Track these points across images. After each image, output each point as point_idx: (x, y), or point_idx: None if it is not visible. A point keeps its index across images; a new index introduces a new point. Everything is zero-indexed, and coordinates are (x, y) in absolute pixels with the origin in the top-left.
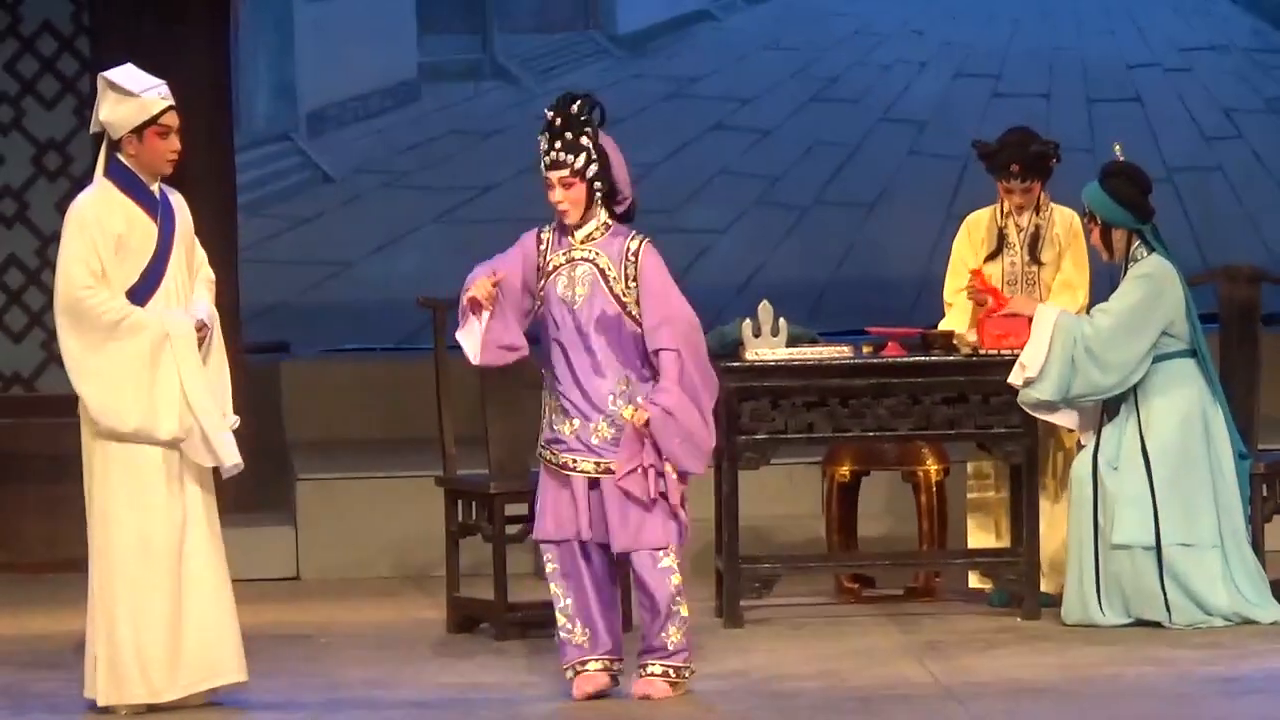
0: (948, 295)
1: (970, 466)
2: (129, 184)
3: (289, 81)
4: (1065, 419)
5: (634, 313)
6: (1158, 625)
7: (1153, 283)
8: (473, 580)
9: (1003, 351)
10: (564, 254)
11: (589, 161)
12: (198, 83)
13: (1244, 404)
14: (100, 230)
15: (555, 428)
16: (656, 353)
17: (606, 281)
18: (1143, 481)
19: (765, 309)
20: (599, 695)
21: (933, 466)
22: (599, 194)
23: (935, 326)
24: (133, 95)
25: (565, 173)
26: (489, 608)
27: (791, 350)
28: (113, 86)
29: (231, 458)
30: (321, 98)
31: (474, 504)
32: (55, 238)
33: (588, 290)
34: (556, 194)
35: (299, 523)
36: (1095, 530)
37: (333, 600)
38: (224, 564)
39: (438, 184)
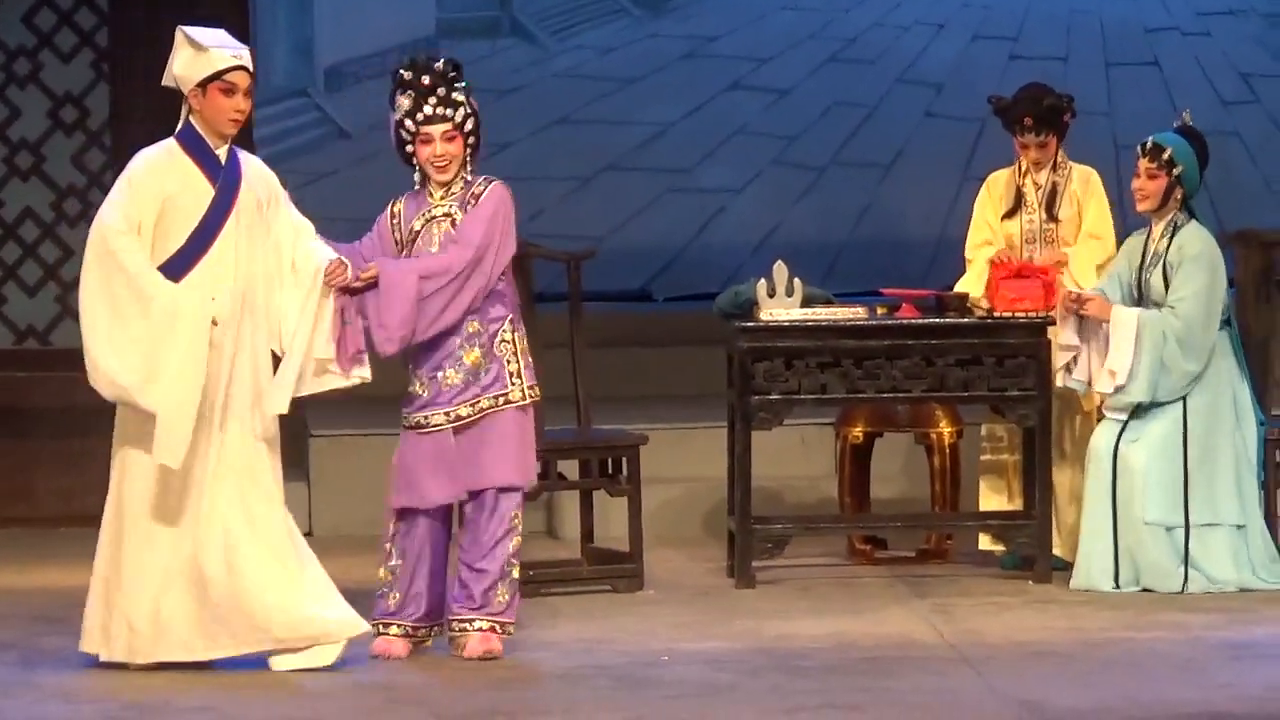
0: (968, 251)
1: (984, 429)
2: (193, 145)
3: (307, 37)
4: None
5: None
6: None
7: (1213, 260)
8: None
9: (1016, 314)
10: (423, 216)
11: (468, 116)
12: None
13: (1258, 369)
14: (149, 190)
15: (409, 390)
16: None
17: (455, 228)
18: (1178, 462)
19: (780, 269)
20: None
21: (946, 429)
22: (469, 150)
23: (951, 288)
24: (202, 49)
25: (448, 126)
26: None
27: (806, 311)
28: (188, 41)
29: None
30: (339, 54)
31: None
32: (71, 191)
33: (440, 243)
34: (437, 148)
35: (312, 479)
36: (1113, 504)
37: (345, 556)
38: (262, 524)
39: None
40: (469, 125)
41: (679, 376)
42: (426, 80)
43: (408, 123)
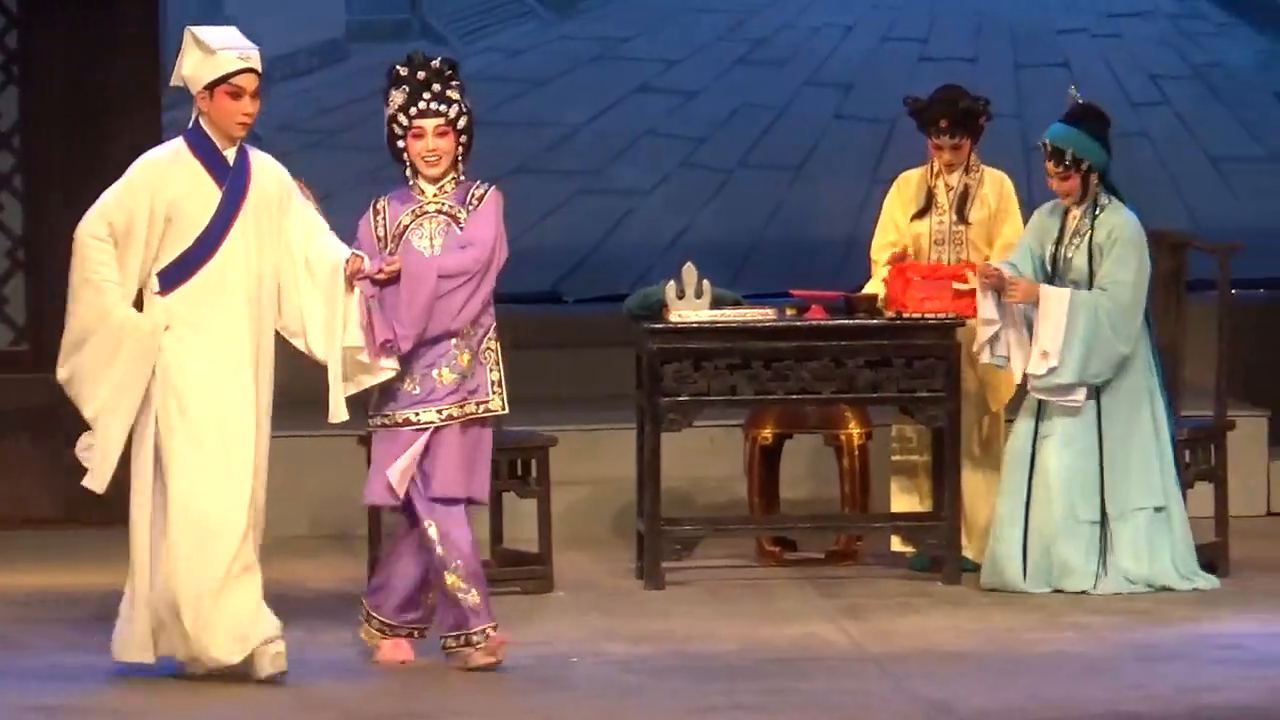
0: (874, 252)
1: (894, 430)
2: (200, 146)
3: None
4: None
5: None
6: (1080, 593)
7: (1143, 245)
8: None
9: (926, 316)
10: (411, 211)
11: (460, 114)
12: (125, 35)
13: (1171, 371)
14: (148, 195)
15: (392, 386)
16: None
17: (459, 227)
18: (1094, 456)
19: (689, 271)
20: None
21: (855, 430)
22: (462, 149)
23: (860, 290)
24: (210, 51)
25: (440, 122)
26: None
27: (715, 312)
28: (195, 41)
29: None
30: None
31: None
32: None
33: (443, 239)
34: (429, 142)
35: None
36: (1028, 502)
37: (282, 556)
38: (259, 528)
39: (364, 144)
40: (462, 123)
41: (588, 378)
42: (421, 76)
43: (400, 117)
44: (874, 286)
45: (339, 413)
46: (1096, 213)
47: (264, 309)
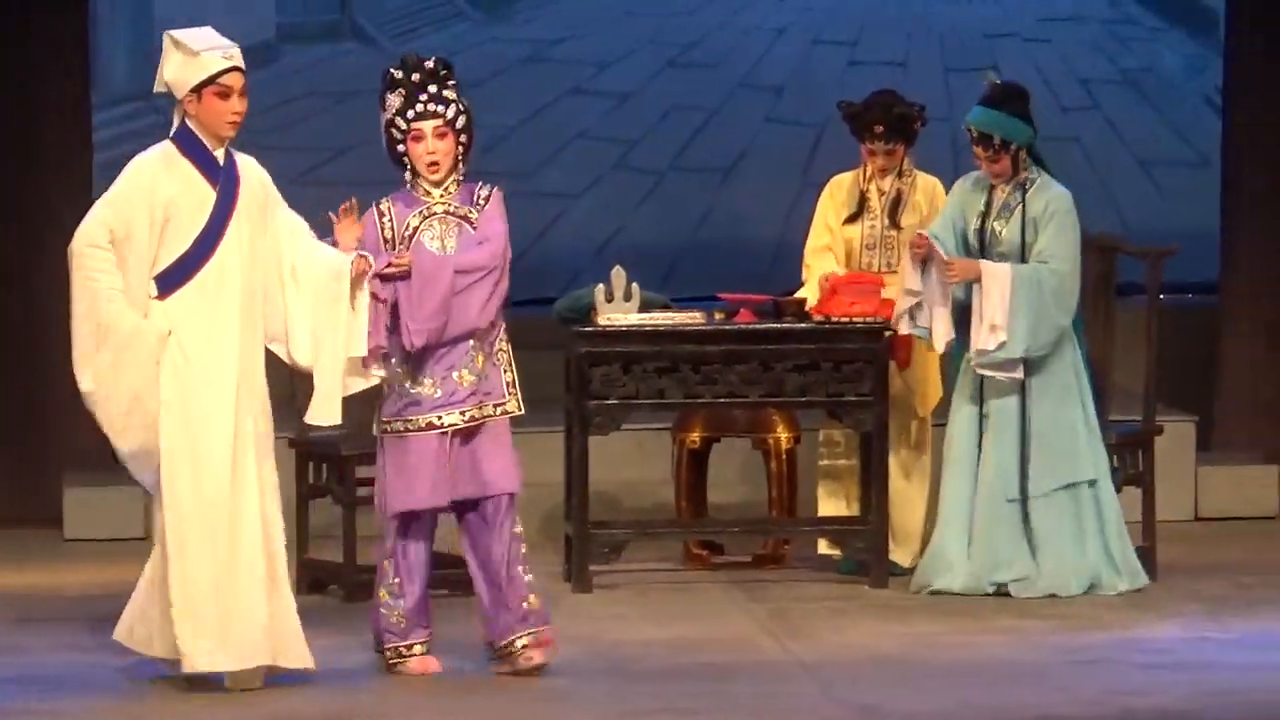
0: (808, 255)
1: (821, 434)
2: (191, 148)
3: (148, 40)
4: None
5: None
6: (1007, 595)
7: (1076, 216)
8: (322, 543)
9: (854, 320)
10: (419, 213)
11: (459, 113)
12: (56, 41)
13: (1100, 376)
14: (146, 197)
15: (409, 391)
16: (477, 245)
17: (472, 227)
18: (1016, 444)
19: (618, 274)
20: None
21: (783, 434)
22: (462, 150)
23: (790, 294)
24: (193, 54)
25: (439, 123)
26: (338, 570)
27: (643, 316)
28: (176, 45)
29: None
30: None
31: (325, 466)
32: None
33: (456, 240)
34: (429, 144)
35: None
36: (973, 490)
37: None
38: (275, 539)
39: (295, 145)
40: (460, 123)
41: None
42: (417, 77)
43: (399, 121)
44: (805, 292)
45: (326, 415)
46: (1027, 187)
47: (259, 309)
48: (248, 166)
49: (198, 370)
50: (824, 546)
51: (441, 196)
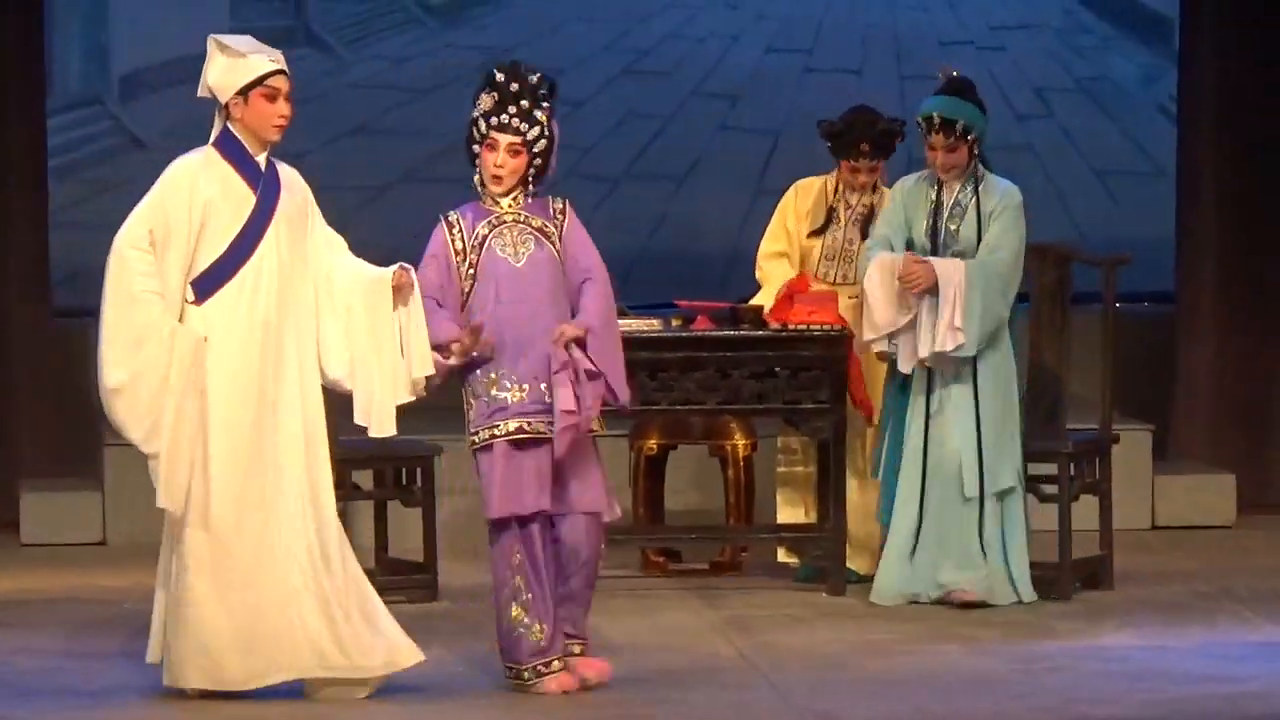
0: (761, 259)
1: (780, 441)
2: (233, 152)
3: (102, 45)
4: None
5: (564, 269)
6: (974, 606)
7: (1022, 209)
8: None
9: (811, 327)
10: (487, 223)
11: (540, 137)
12: (9, 44)
13: (1052, 383)
14: (185, 198)
15: (496, 397)
16: (582, 284)
17: (549, 240)
18: (974, 437)
19: None
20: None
21: (740, 441)
22: (534, 171)
23: (746, 301)
24: (239, 56)
25: (516, 140)
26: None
27: None
28: (221, 49)
29: (382, 428)
30: (135, 62)
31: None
32: None
33: (531, 248)
34: (498, 157)
35: (106, 488)
36: (922, 488)
37: (139, 566)
38: (319, 548)
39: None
40: (537, 147)
41: None
42: (515, 88)
43: (481, 123)
44: (764, 296)
45: (386, 426)
46: (979, 184)
47: (300, 315)
48: (290, 174)
49: (231, 376)
50: (782, 555)
51: (510, 206)
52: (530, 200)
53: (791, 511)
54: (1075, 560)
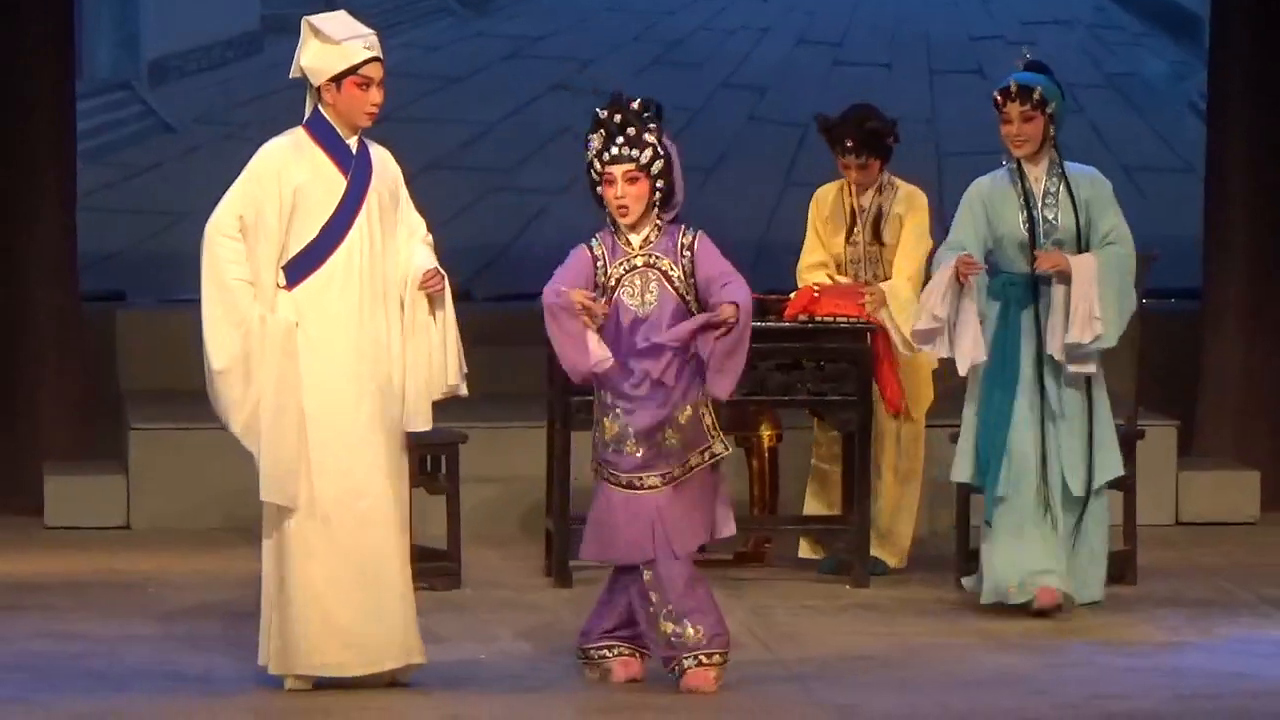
0: (801, 271)
1: (815, 434)
2: (323, 135)
3: (133, 30)
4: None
5: (693, 308)
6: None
7: None
8: None
9: (838, 319)
10: (623, 264)
11: (655, 158)
12: (41, 29)
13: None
14: (271, 181)
15: (616, 446)
16: (724, 286)
17: (671, 283)
18: (1085, 427)
19: None
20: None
21: (766, 432)
22: (659, 194)
23: (772, 293)
24: (334, 42)
25: (630, 167)
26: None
27: None
28: (315, 32)
29: (417, 423)
30: (164, 47)
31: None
32: None
33: (656, 296)
34: (618, 189)
35: (131, 472)
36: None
37: (163, 550)
38: (403, 536)
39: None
40: (656, 167)
41: (499, 376)
42: (619, 118)
43: (596, 163)
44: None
45: (422, 422)
46: (1062, 171)
47: (389, 301)
48: (382, 157)
49: (326, 361)
50: (804, 550)
51: (641, 246)
52: (661, 236)
53: (819, 506)
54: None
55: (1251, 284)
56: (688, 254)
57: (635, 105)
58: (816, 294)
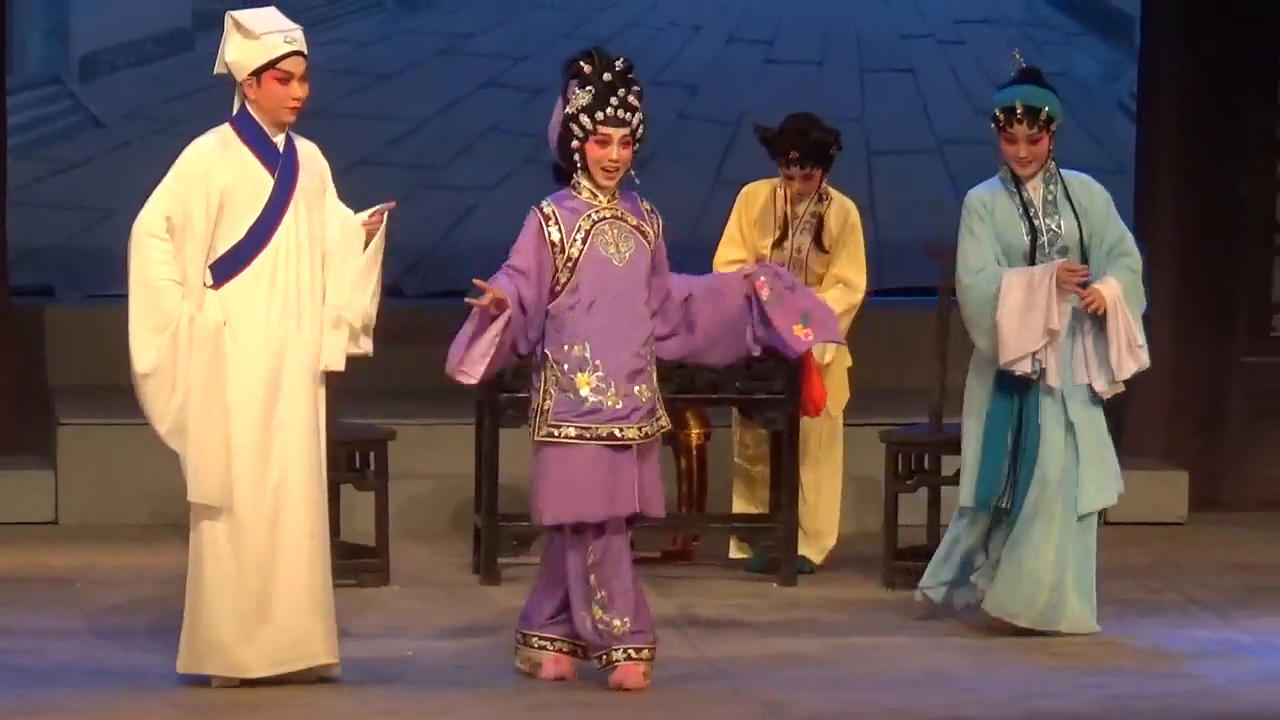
0: (718, 263)
1: (736, 435)
2: (250, 133)
3: (63, 24)
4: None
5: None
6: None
7: None
8: None
9: None
10: (589, 217)
11: (641, 123)
12: None
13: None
14: (202, 183)
15: (587, 398)
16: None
17: (643, 236)
18: (1073, 445)
19: None
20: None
21: (694, 430)
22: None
23: None
24: (254, 37)
25: (625, 132)
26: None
27: None
28: (237, 27)
29: (331, 361)
30: (95, 42)
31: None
32: None
33: (632, 248)
34: (614, 152)
35: (59, 467)
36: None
37: (91, 545)
38: (321, 534)
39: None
40: (640, 133)
41: (428, 372)
42: (608, 78)
43: (584, 119)
44: None
45: (335, 361)
46: (1061, 178)
47: (313, 297)
48: (308, 151)
49: (247, 361)
50: (734, 550)
51: (609, 202)
52: (622, 196)
53: (745, 505)
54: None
55: (1180, 284)
56: (652, 216)
57: (620, 65)
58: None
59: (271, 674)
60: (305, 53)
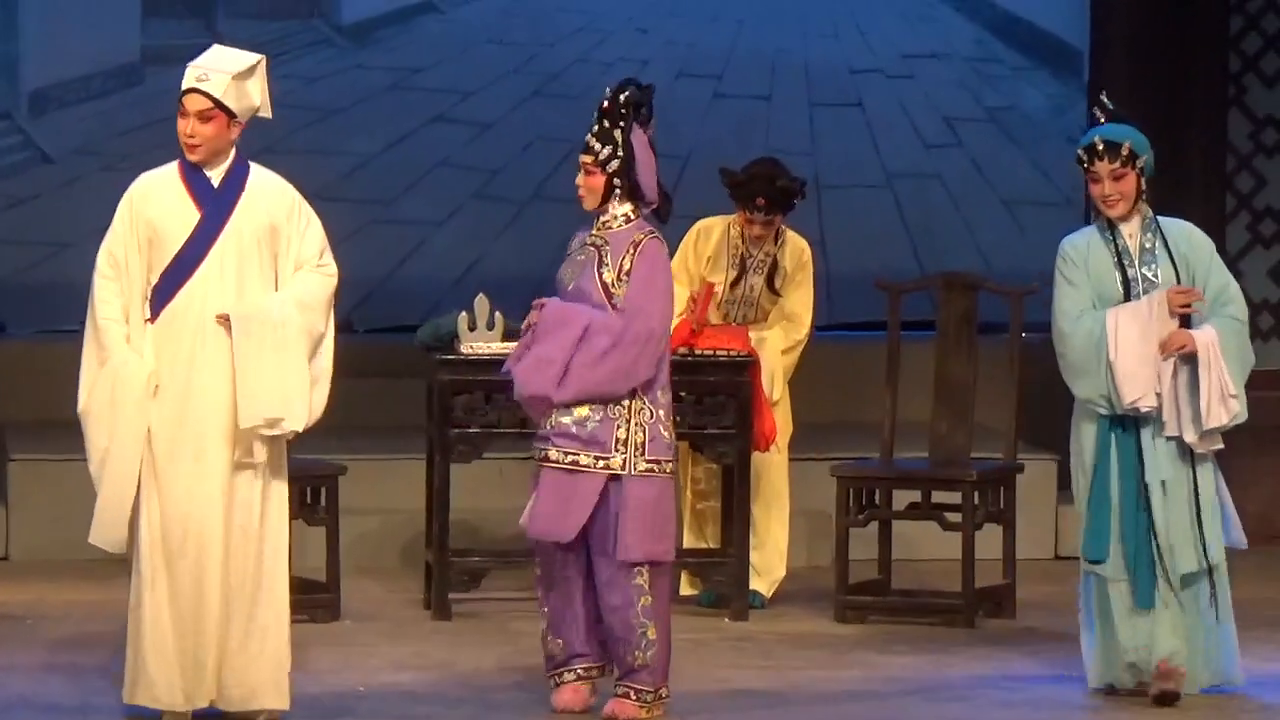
0: None
1: (690, 473)
2: (188, 167)
3: (12, 60)
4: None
5: (616, 296)
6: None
7: None
8: None
9: (718, 352)
10: (580, 241)
11: (612, 156)
12: None
13: (961, 413)
14: (135, 215)
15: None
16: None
17: (599, 265)
18: (1191, 501)
19: (481, 302)
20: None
21: None
22: (617, 189)
23: None
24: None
25: (589, 159)
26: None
27: (507, 344)
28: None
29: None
30: (44, 77)
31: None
32: None
33: (578, 271)
34: (578, 176)
35: (10, 502)
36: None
37: (41, 581)
38: (270, 579)
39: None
40: (612, 166)
41: (379, 408)
42: (603, 105)
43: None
44: None
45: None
46: (1157, 226)
47: (244, 336)
48: (264, 191)
49: (168, 400)
50: (685, 585)
51: (599, 230)
52: (629, 227)
53: (696, 541)
54: (979, 588)
55: None
56: (633, 250)
57: (622, 98)
58: (714, 293)
59: (200, 708)
60: (208, 94)
